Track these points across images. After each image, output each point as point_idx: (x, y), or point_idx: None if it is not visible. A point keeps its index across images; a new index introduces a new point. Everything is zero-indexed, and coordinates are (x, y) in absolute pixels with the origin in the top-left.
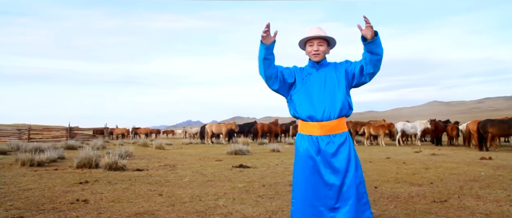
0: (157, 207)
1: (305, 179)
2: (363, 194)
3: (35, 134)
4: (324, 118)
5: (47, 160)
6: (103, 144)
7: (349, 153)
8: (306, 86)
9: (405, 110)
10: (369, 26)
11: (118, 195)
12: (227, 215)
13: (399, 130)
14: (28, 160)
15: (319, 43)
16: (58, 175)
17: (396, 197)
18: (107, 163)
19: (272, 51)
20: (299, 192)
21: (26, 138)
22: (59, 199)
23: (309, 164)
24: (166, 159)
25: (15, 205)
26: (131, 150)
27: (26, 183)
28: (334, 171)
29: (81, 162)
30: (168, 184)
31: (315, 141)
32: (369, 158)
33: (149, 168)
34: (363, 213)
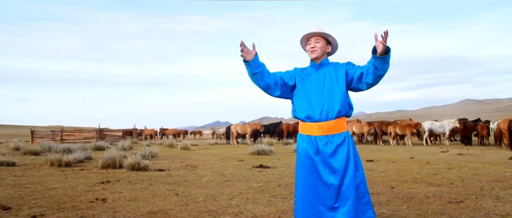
0: (171, 206)
1: (304, 178)
2: (364, 194)
3: (67, 135)
4: (322, 118)
5: (75, 160)
6: (131, 145)
7: (347, 153)
8: (305, 87)
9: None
10: (382, 42)
11: (136, 194)
12: (237, 214)
13: (427, 129)
14: (57, 160)
15: (316, 40)
16: (82, 175)
17: (412, 197)
18: (130, 163)
19: (258, 64)
20: (299, 191)
21: (59, 139)
22: (79, 198)
23: (307, 164)
24: (189, 159)
25: (38, 204)
26: (156, 151)
27: (52, 183)
28: (333, 171)
29: (106, 162)
30: (187, 184)
31: (314, 141)
32: (392, 158)
33: (170, 168)
34: (364, 213)
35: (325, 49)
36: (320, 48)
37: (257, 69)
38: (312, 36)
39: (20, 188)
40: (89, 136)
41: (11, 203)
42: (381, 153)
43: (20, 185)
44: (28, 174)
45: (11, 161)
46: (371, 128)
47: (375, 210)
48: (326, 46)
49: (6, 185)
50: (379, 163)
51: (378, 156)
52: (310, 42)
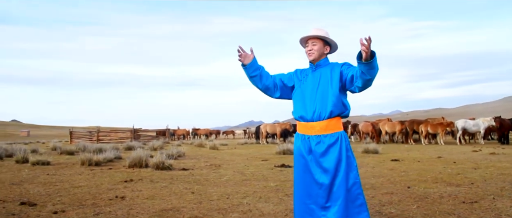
0: (184, 204)
1: (298, 177)
2: (358, 196)
3: (103, 135)
4: (315, 118)
5: (104, 160)
6: (162, 145)
7: (339, 154)
8: (302, 88)
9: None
10: (365, 49)
11: (155, 192)
12: (246, 212)
13: (460, 128)
14: (87, 160)
15: (313, 43)
16: (109, 173)
17: (425, 197)
18: (154, 163)
19: (256, 67)
20: (295, 189)
21: (96, 139)
22: (101, 196)
23: (301, 163)
24: (215, 159)
25: (62, 201)
26: (183, 150)
27: (79, 181)
28: (324, 170)
29: (132, 161)
30: (206, 183)
31: (307, 140)
32: (418, 158)
33: (194, 167)
34: (358, 215)
35: (322, 51)
36: (316, 51)
37: (255, 72)
38: (309, 39)
39: (49, 185)
40: (124, 136)
41: (38, 200)
42: (410, 152)
43: (50, 183)
44: (59, 172)
45: (46, 160)
46: (402, 127)
47: (383, 209)
48: (324, 48)
49: (38, 183)
50: (404, 162)
51: (406, 155)
52: (308, 44)
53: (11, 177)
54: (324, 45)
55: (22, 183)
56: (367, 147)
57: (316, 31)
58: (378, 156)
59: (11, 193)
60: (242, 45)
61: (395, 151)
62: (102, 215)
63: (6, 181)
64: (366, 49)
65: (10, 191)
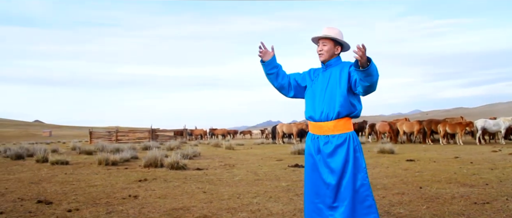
0: (195, 203)
1: (307, 176)
2: (367, 197)
3: (122, 135)
4: (322, 119)
5: (121, 159)
6: (178, 145)
7: (346, 154)
8: (313, 88)
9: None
10: (358, 57)
11: (167, 192)
12: (254, 212)
13: (479, 127)
14: (104, 159)
15: (323, 43)
16: (125, 173)
17: (436, 197)
18: (169, 162)
19: (274, 65)
20: (305, 188)
21: (115, 139)
22: (114, 195)
23: (309, 162)
24: (229, 159)
25: (77, 199)
26: (199, 150)
27: (95, 180)
28: (331, 171)
29: (148, 161)
30: (218, 183)
31: (316, 140)
32: (435, 158)
33: (208, 167)
34: (366, 216)
35: (333, 51)
36: (326, 52)
37: (272, 70)
38: (320, 38)
39: (66, 184)
40: (142, 136)
41: (54, 198)
42: (426, 152)
43: (67, 182)
44: (77, 172)
45: (65, 160)
46: (420, 127)
47: (392, 209)
48: (335, 48)
49: (55, 182)
50: (419, 162)
51: (422, 155)
52: (319, 44)
53: (31, 176)
54: (335, 45)
55: (41, 182)
56: (383, 147)
57: (327, 31)
58: (394, 156)
59: (30, 192)
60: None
61: (411, 151)
62: (114, 214)
63: (26, 180)
64: (360, 57)
65: (28, 189)
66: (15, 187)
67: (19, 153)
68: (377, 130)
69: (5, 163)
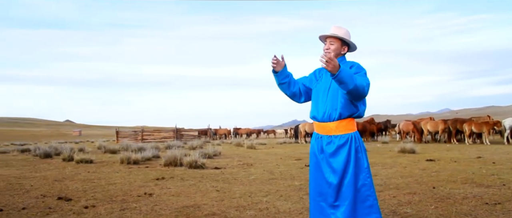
0: (206, 201)
1: (311, 175)
2: (368, 197)
3: (147, 135)
4: (325, 119)
5: (143, 158)
6: (201, 144)
7: (348, 155)
8: (317, 88)
9: None
10: (325, 66)
11: (182, 190)
12: (262, 210)
13: (507, 127)
14: (126, 158)
15: (330, 42)
16: (144, 172)
17: (447, 198)
18: (188, 161)
19: (286, 75)
20: (309, 186)
21: (140, 138)
22: (131, 192)
23: (313, 161)
24: (249, 158)
25: (95, 196)
26: (220, 150)
27: (115, 178)
28: (333, 170)
29: (168, 160)
30: (234, 181)
31: (319, 140)
32: (456, 158)
33: (227, 166)
34: (367, 216)
35: (339, 51)
36: (333, 51)
37: (285, 79)
38: (328, 37)
39: (87, 182)
40: (166, 135)
41: (74, 195)
42: (449, 152)
43: (88, 180)
44: (99, 170)
45: (89, 158)
46: (445, 126)
47: (399, 209)
48: (342, 48)
49: (78, 180)
50: (439, 162)
51: (444, 155)
52: (326, 43)
53: (56, 174)
54: (342, 45)
55: (64, 179)
56: (404, 147)
57: (336, 30)
58: (414, 156)
59: (52, 189)
60: (277, 54)
61: (434, 151)
62: (127, 211)
63: (51, 178)
64: (325, 66)
65: (52, 187)
66: (39, 184)
67: (47, 152)
68: (401, 129)
69: (34, 161)
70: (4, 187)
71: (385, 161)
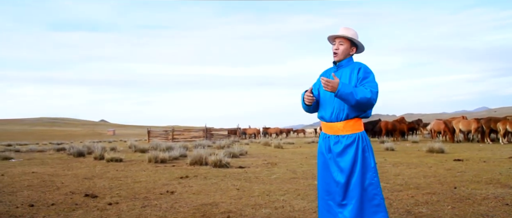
0: (225, 199)
1: (319, 174)
2: (375, 196)
3: (177, 134)
4: (332, 119)
5: (170, 157)
6: (229, 143)
7: (355, 154)
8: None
9: None
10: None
11: (203, 188)
12: (278, 208)
13: None
14: (153, 157)
15: (340, 42)
16: (170, 170)
17: (467, 198)
18: (213, 161)
19: (315, 104)
20: (317, 185)
21: (171, 138)
22: (154, 190)
23: (321, 160)
24: (275, 157)
25: (120, 194)
26: (246, 149)
27: (141, 177)
28: (340, 169)
29: (193, 159)
30: (255, 180)
31: (327, 139)
32: (486, 158)
33: (251, 165)
34: (374, 214)
35: (348, 52)
36: (342, 52)
37: (313, 107)
38: (337, 38)
39: (114, 180)
40: (196, 135)
41: (100, 193)
42: (480, 152)
43: (116, 178)
44: (127, 169)
45: (119, 157)
46: (478, 125)
47: (415, 209)
48: (350, 49)
49: (106, 178)
50: (467, 162)
51: (474, 155)
52: (335, 43)
53: (86, 172)
54: (351, 46)
55: (93, 177)
56: (432, 146)
57: (344, 31)
58: (442, 156)
59: (81, 186)
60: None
61: (464, 151)
62: (148, 208)
63: (81, 176)
64: (326, 89)
65: (81, 184)
66: (70, 182)
67: (80, 150)
68: (432, 128)
69: (68, 160)
70: (37, 184)
71: (411, 160)
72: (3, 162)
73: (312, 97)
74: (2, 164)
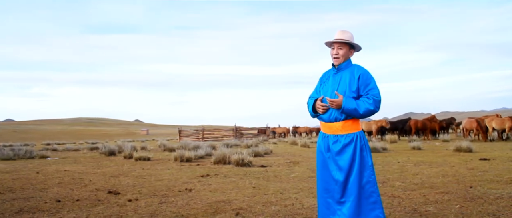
0: (239, 197)
1: (318, 172)
2: (372, 194)
3: (208, 134)
4: (331, 119)
5: (196, 157)
6: (256, 143)
7: (353, 153)
8: (324, 90)
9: None
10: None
11: (220, 186)
12: (287, 206)
13: None
14: (179, 156)
15: (338, 47)
16: (193, 169)
17: (480, 197)
18: (235, 159)
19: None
20: (317, 184)
21: (201, 137)
22: (174, 188)
23: (320, 159)
24: (299, 156)
25: (141, 191)
26: (271, 148)
27: (164, 175)
28: (339, 168)
29: (217, 158)
30: (274, 179)
31: (326, 139)
32: None
33: (273, 164)
34: (371, 211)
35: (347, 55)
36: (342, 56)
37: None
38: (335, 42)
39: (139, 178)
40: (226, 134)
41: (122, 190)
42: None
43: (140, 176)
44: (153, 167)
45: (147, 156)
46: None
47: (422, 207)
48: (349, 52)
49: (131, 176)
50: (493, 162)
51: (504, 154)
52: (334, 47)
53: (113, 170)
54: (349, 49)
55: (119, 175)
56: (460, 145)
57: (342, 35)
58: (469, 155)
59: (107, 184)
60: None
61: (494, 150)
62: (164, 204)
63: (108, 174)
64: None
65: (107, 181)
66: (97, 179)
67: (111, 149)
68: (464, 127)
69: (99, 159)
70: (67, 181)
71: (435, 160)
72: (40, 161)
73: (326, 106)
74: (39, 162)
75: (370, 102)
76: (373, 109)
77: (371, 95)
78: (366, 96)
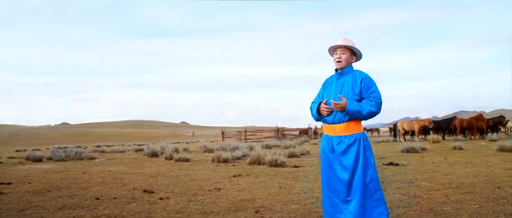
0: (264, 196)
1: (323, 173)
2: (376, 191)
3: (250, 135)
4: (335, 121)
5: (233, 157)
6: (295, 143)
7: (357, 153)
8: (328, 93)
9: None
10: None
11: (249, 186)
12: (307, 205)
13: None
14: (216, 157)
15: (341, 51)
16: (227, 169)
17: (503, 198)
18: (269, 160)
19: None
20: (322, 184)
21: (243, 138)
22: (205, 187)
23: (324, 160)
24: None
25: (173, 190)
26: (308, 149)
27: (199, 175)
28: (344, 167)
29: (252, 159)
30: (302, 179)
31: (330, 140)
32: None
33: (306, 165)
34: (375, 208)
35: (349, 60)
36: (344, 60)
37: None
38: (338, 47)
39: (174, 178)
40: (268, 135)
41: (157, 189)
42: None
43: (177, 176)
44: (190, 168)
45: (186, 157)
46: None
47: (438, 207)
48: (351, 57)
49: (168, 176)
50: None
51: None
52: (337, 52)
53: (153, 170)
54: (351, 55)
55: (157, 175)
56: (504, 145)
57: (345, 41)
58: (509, 155)
59: (144, 183)
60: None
61: None
62: (192, 202)
63: (147, 174)
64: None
65: (144, 181)
66: (136, 179)
67: (154, 151)
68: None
69: (142, 160)
70: (109, 181)
71: (473, 160)
72: (88, 162)
73: (330, 108)
74: (87, 163)
75: (372, 104)
76: (375, 110)
77: (373, 97)
78: (368, 98)
